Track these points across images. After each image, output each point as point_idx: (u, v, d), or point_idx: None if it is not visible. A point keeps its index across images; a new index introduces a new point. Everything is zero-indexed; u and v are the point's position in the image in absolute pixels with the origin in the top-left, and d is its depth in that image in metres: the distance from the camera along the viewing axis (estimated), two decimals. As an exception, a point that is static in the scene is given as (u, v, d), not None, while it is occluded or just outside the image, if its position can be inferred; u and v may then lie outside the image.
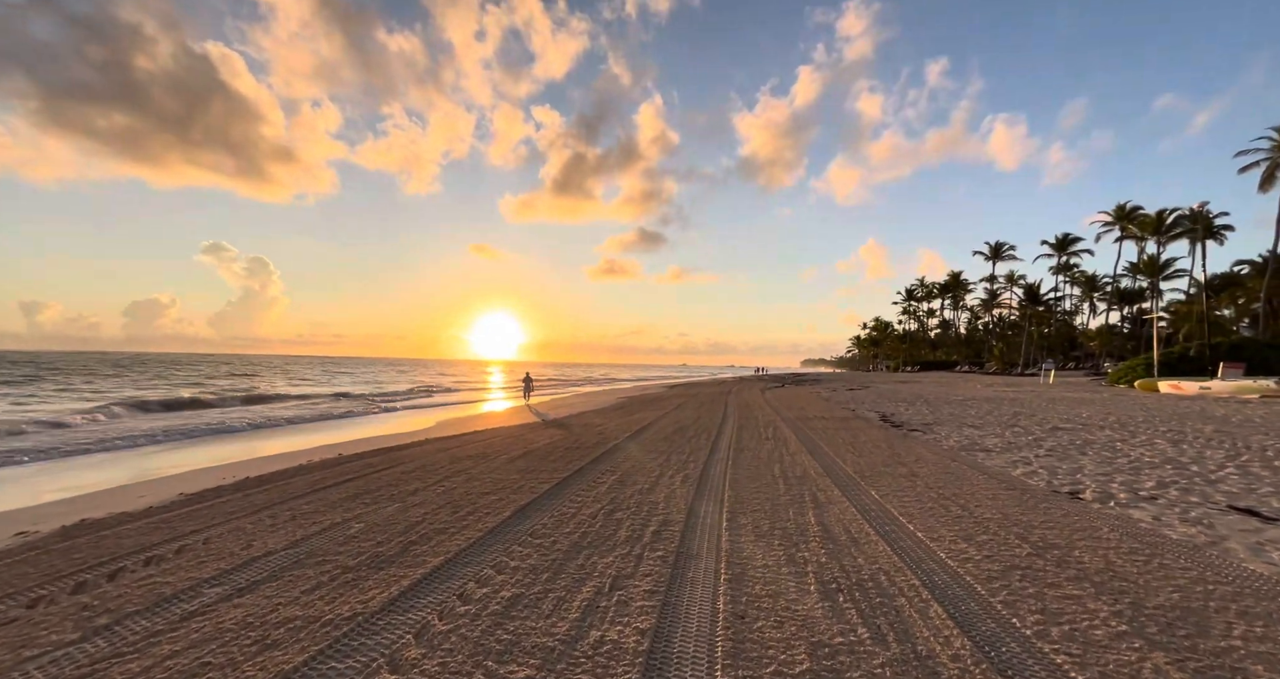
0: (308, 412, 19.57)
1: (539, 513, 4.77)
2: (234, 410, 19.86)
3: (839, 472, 6.66)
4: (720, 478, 6.29)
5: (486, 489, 5.73)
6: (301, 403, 23.52)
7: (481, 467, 7.12)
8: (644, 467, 7.00)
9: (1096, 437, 9.06)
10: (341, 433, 14.07)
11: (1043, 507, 4.89)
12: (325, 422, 16.96)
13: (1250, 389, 16.91)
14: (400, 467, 7.49)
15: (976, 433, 10.04)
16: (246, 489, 6.33)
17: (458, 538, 4.06)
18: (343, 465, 7.96)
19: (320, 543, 4.01)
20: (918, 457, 7.62)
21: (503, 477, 6.38)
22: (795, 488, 5.74)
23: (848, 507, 4.97)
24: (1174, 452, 7.42)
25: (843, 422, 12.50)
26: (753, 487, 5.80)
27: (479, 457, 7.99)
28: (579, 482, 6.07)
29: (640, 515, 4.67)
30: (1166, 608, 2.84)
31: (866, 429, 10.93)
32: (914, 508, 4.89)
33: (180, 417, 17.08)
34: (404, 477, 6.62)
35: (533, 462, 7.40)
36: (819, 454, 7.93)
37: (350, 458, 8.86)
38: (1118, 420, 11.15)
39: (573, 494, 5.48)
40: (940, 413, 14.01)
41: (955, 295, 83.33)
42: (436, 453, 8.73)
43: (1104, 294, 63.38)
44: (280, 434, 13.95)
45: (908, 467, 6.90)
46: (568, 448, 8.65)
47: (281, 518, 4.81)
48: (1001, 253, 69.69)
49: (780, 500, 5.19)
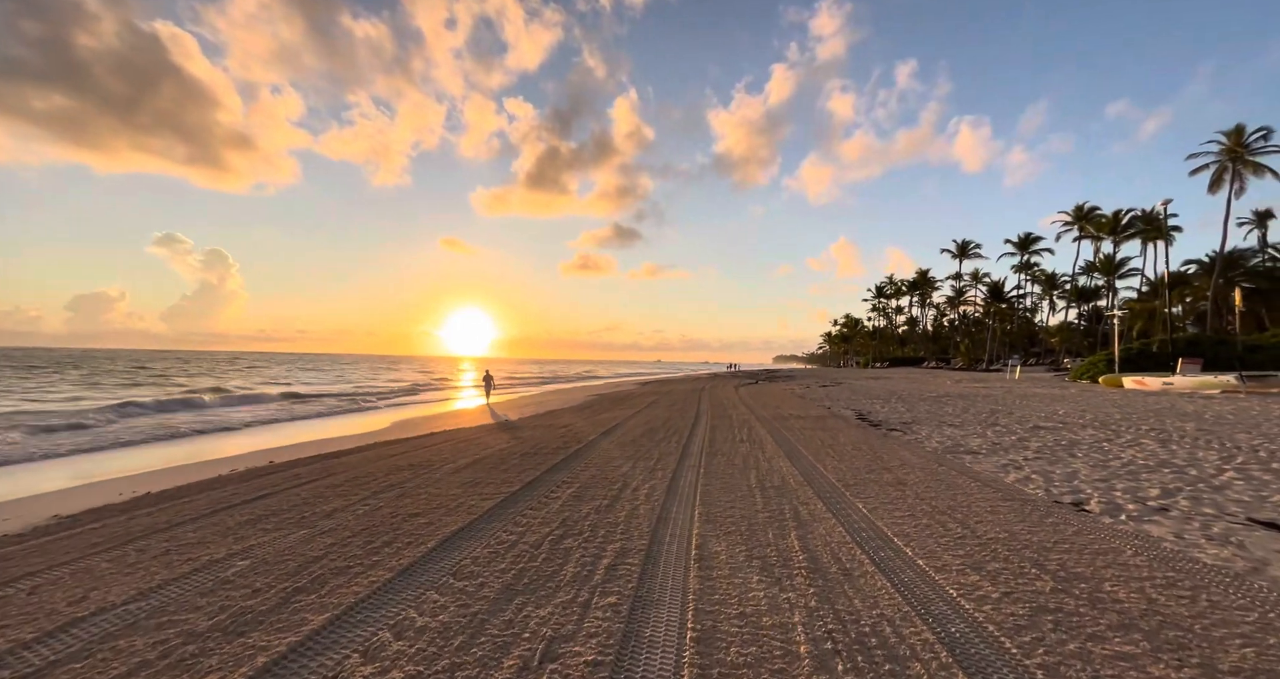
0: (252, 413, 18.18)
1: (472, 541, 3.98)
2: (179, 414, 18.29)
3: (820, 480, 6.06)
4: (690, 489, 5.60)
5: (417, 508, 4.90)
6: (254, 405, 21.98)
7: (420, 478, 6.26)
8: (606, 476, 6.26)
9: (1081, 436, 8.73)
10: (284, 435, 12.90)
11: (1049, 522, 4.35)
12: (269, 424, 15.67)
13: (1212, 385, 17.20)
14: (330, 478, 6.57)
15: (958, 433, 9.63)
16: (137, 509, 5.35)
17: (359, 582, 3.24)
18: (267, 476, 6.99)
19: (179, 592, 3.14)
20: (902, 461, 7.09)
21: (441, 492, 5.55)
22: (774, 501, 5.09)
23: (834, 526, 4.33)
24: (1165, 453, 7.07)
25: (819, 420, 12.01)
26: (726, 500, 5.12)
27: (421, 465, 7.11)
28: (528, 497, 5.29)
29: (595, 543, 3.93)
30: (1248, 674, 2.25)
31: (844, 429, 10.44)
32: (908, 526, 4.29)
33: (117, 420, 15.53)
34: (328, 491, 5.73)
35: (480, 472, 6.58)
36: (797, 458, 7.34)
37: (280, 467, 7.87)
38: (1096, 418, 10.94)
39: (518, 514, 4.70)
40: (917, 411, 13.68)
41: (923, 292, 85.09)
42: (376, 461, 7.81)
43: (1063, 292, 65.51)
44: (220, 438, 12.68)
45: (893, 473, 6.34)
46: (524, 454, 7.85)
47: (151, 552, 3.90)
48: (968, 251, 71.32)
49: (758, 519, 4.52)
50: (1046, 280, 65.75)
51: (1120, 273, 54.68)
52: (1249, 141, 37.30)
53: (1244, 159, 37.55)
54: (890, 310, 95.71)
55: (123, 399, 21.93)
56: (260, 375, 49.04)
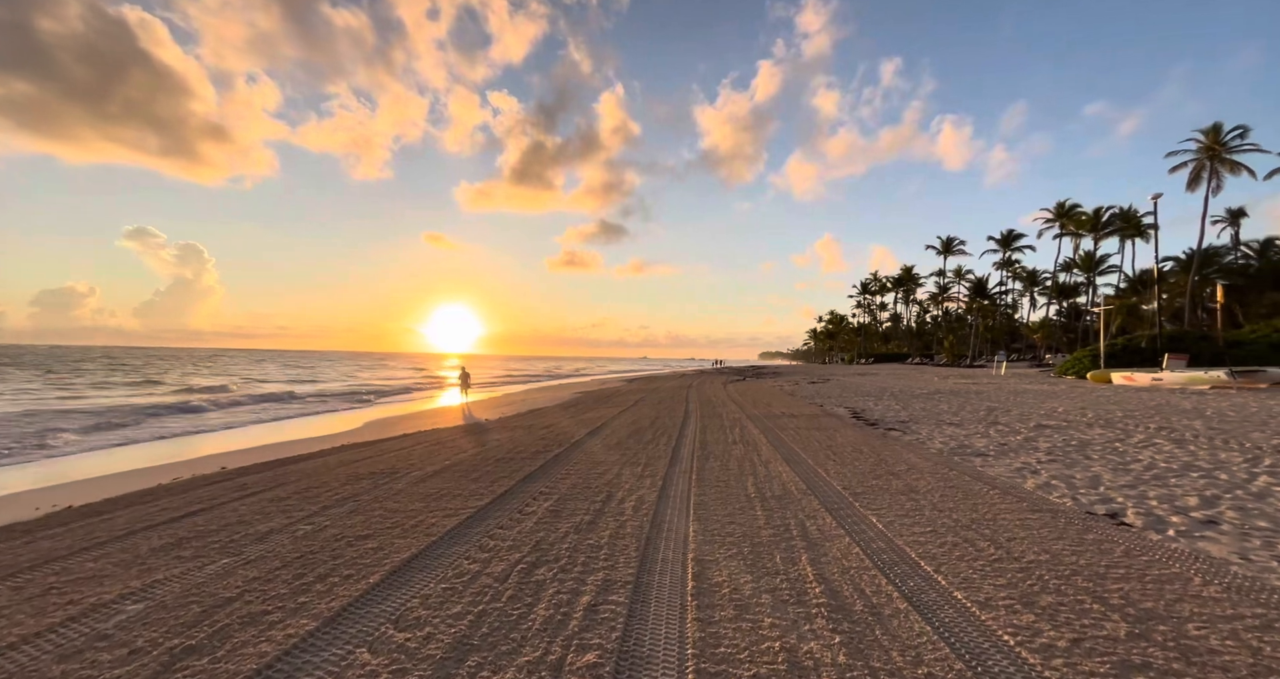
0: (214, 417, 17.22)
1: (425, 573, 3.33)
2: (133, 417, 17.22)
3: (824, 487, 5.51)
4: (682, 500, 5.01)
5: (368, 528, 4.23)
6: (223, 402, 20.92)
7: (380, 490, 5.58)
8: (589, 485, 5.64)
9: (1089, 436, 8.33)
10: (248, 437, 12.04)
11: (1091, 539, 3.84)
12: (239, 426, 14.74)
13: (1201, 380, 17.13)
14: (279, 489, 5.86)
15: (960, 432, 9.18)
16: (45, 529, 4.60)
17: (271, 637, 2.58)
18: (209, 486, 6.26)
19: (29, 657, 2.45)
20: (908, 464, 6.58)
21: (399, 506, 4.88)
22: (777, 514, 4.52)
23: (849, 545, 3.77)
24: (1185, 455, 6.66)
25: (813, 419, 11.52)
26: (724, 514, 4.54)
27: (383, 473, 6.42)
28: (499, 513, 4.65)
29: (573, 573, 3.31)
30: None
31: (840, 429, 9.95)
32: (932, 544, 3.74)
33: (88, 423, 14.47)
34: (270, 506, 5.02)
35: (449, 481, 5.91)
36: (796, 462, 6.79)
37: (229, 474, 7.13)
38: (1098, 416, 10.60)
39: (485, 535, 4.06)
40: (912, 408, 13.28)
41: (907, 289, 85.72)
42: (335, 467, 7.09)
43: (1044, 288, 66.36)
44: (181, 440, 11.77)
45: (901, 479, 5.82)
46: (499, 459, 7.19)
47: (29, 592, 3.19)
48: (952, 247, 71.86)
49: (761, 537, 3.94)
50: (1028, 277, 66.54)
51: (1100, 269, 55.42)
52: (1226, 140, 37.81)
53: (1221, 157, 38.07)
54: (875, 307, 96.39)
55: (78, 396, 20.71)
56: (234, 373, 47.41)
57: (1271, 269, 44.21)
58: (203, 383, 33.50)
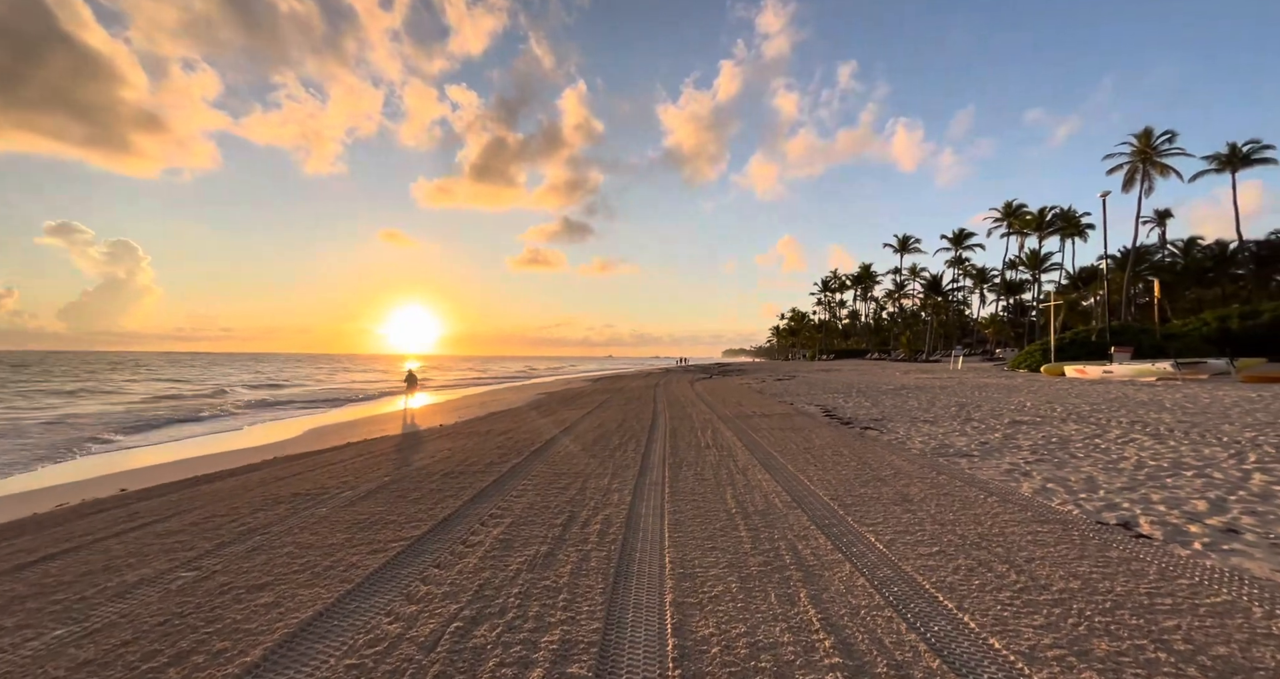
0: (122, 421, 15.53)
1: (326, 642, 2.57)
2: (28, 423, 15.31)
3: (810, 498, 4.99)
4: (655, 521, 4.37)
5: (268, 574, 3.41)
6: (159, 411, 19.03)
7: (298, 517, 4.71)
8: (548, 504, 4.93)
9: (1065, 432, 8.17)
10: (166, 451, 10.70)
11: (1114, 557, 3.41)
12: (144, 432, 13.21)
13: (1149, 372, 17.76)
14: (177, 517, 4.91)
15: (937, 430, 8.91)
16: None
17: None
18: (98, 514, 5.25)
19: None
20: (894, 468, 6.16)
21: (316, 540, 4.05)
22: (764, 535, 3.94)
23: (851, 574, 3.22)
24: (1168, 451, 6.49)
25: (785, 419, 11.12)
26: (703, 536, 3.93)
27: (308, 495, 5.53)
28: (438, 545, 3.89)
29: (522, 633, 2.62)
30: None
31: (815, 428, 9.55)
32: (945, 570, 3.24)
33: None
34: (154, 543, 4.11)
35: (383, 503, 5.08)
36: (775, 468, 6.27)
37: (127, 498, 6.11)
38: (1066, 410, 10.59)
39: (417, 577, 3.31)
40: (883, 405, 13.09)
41: (865, 286, 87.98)
42: (255, 487, 6.14)
43: (992, 285, 69.21)
44: (95, 456, 10.30)
45: (890, 485, 5.37)
46: (448, 474, 6.38)
47: None
48: (908, 246, 74.05)
49: (749, 567, 3.35)
50: (977, 274, 69.24)
51: (1044, 267, 58.10)
52: (1156, 144, 40.08)
53: (1152, 160, 40.33)
54: (835, 304, 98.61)
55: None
56: (159, 374, 43.93)
57: (1195, 266, 47.31)
58: (138, 388, 30.76)
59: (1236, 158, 39.44)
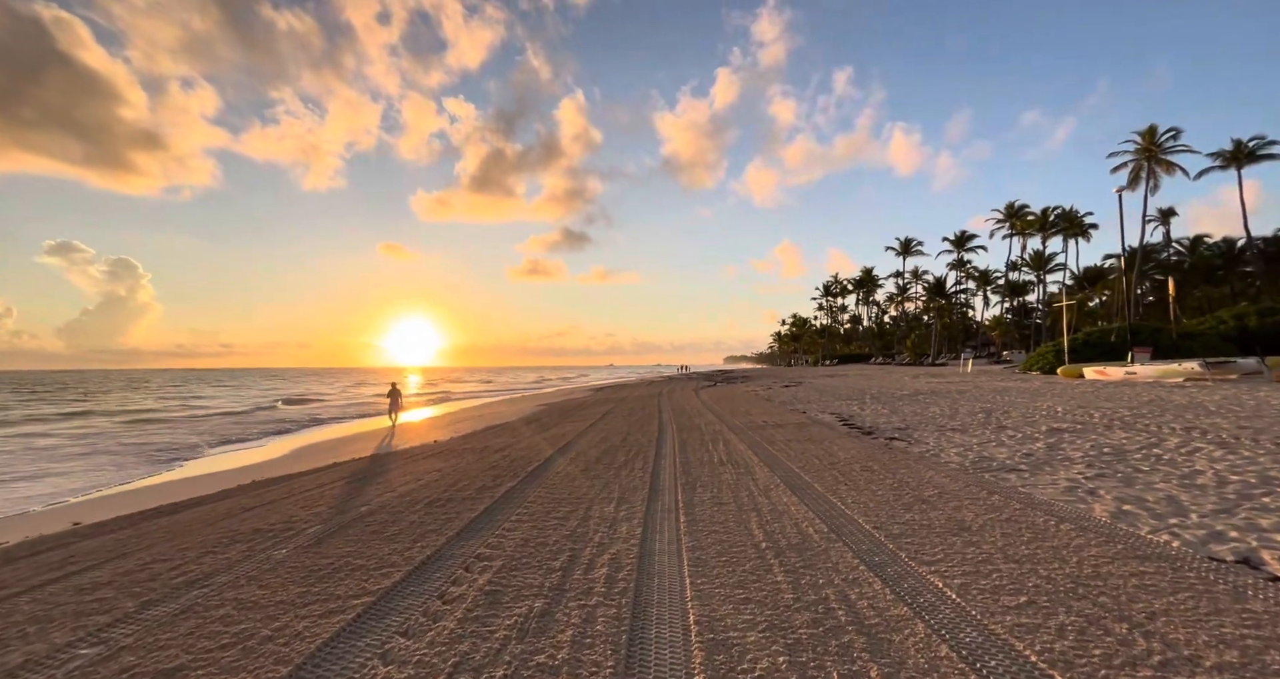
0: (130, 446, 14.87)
1: (234, 772, 1.87)
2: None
3: (847, 525, 4.29)
4: (672, 560, 3.67)
5: (186, 652, 2.70)
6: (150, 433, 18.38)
7: (252, 561, 4.01)
8: (545, 540, 4.23)
9: (1114, 440, 7.46)
10: (138, 475, 10.00)
11: (1257, 609, 2.71)
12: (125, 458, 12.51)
13: (1175, 372, 17.04)
14: (113, 563, 4.22)
15: (969, 439, 8.20)
16: None
17: None
18: (27, 558, 4.56)
19: None
20: (936, 486, 5.45)
21: (263, 596, 3.35)
22: (805, 579, 3.24)
23: (928, 637, 2.52)
24: (1244, 462, 5.78)
25: (800, 428, 10.40)
26: (731, 582, 3.23)
27: (273, 530, 4.82)
28: (407, 602, 3.19)
29: (503, 748, 1.91)
30: None
31: (835, 439, 8.84)
32: (1045, 630, 2.54)
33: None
34: (69, 602, 3.41)
35: (354, 540, 4.38)
36: (801, 489, 5.57)
37: (72, 535, 5.42)
38: (1105, 416, 9.87)
39: (376, 654, 2.60)
40: (902, 413, 12.37)
41: (867, 290, 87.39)
42: (219, 520, 5.44)
43: (996, 287, 68.59)
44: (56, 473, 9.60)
45: (938, 508, 4.66)
46: (431, 502, 5.68)
47: None
48: (911, 248, 73.55)
49: (795, 628, 2.65)
50: (980, 276, 68.65)
51: (1048, 268, 57.52)
52: (1161, 141, 39.64)
53: (1157, 158, 39.88)
54: (836, 309, 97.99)
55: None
56: (164, 394, 43.29)
57: (1203, 264, 46.73)
58: (130, 405, 30.13)
59: (1242, 154, 38.98)
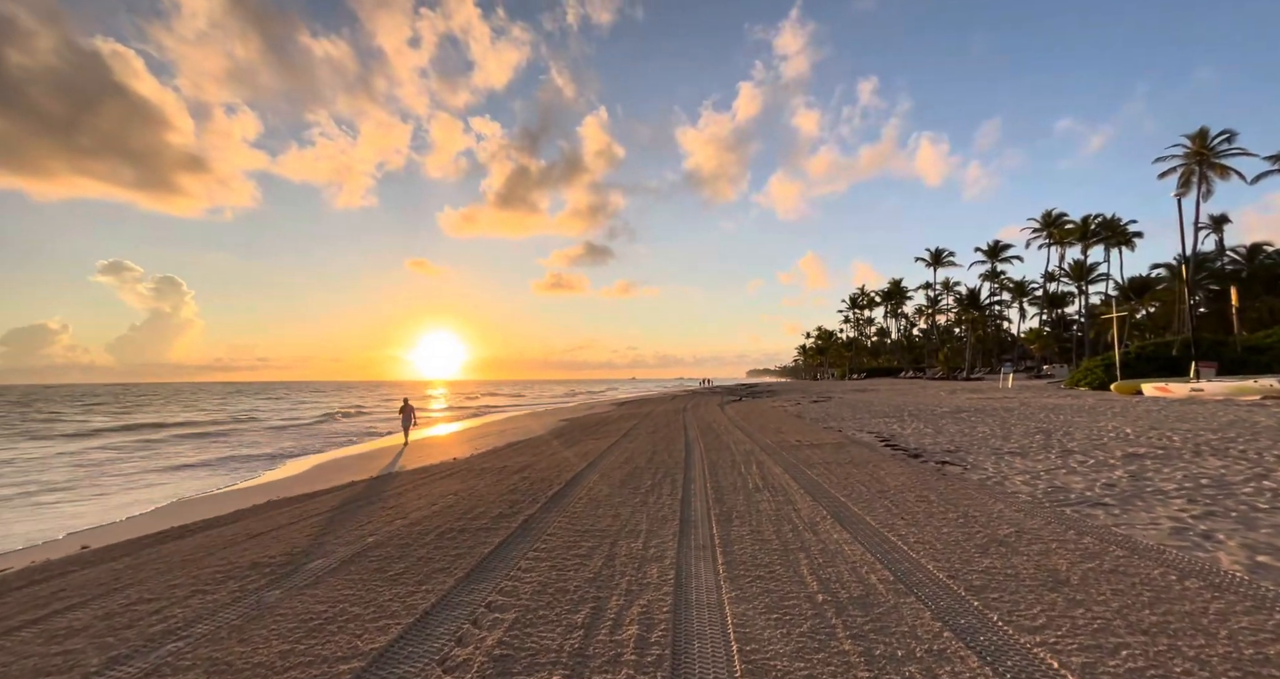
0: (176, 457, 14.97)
1: None
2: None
3: (915, 571, 3.66)
4: (711, 615, 3.11)
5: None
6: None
7: (241, 605, 3.59)
8: (564, 587, 3.71)
9: (1208, 469, 6.59)
10: (174, 489, 9.86)
11: None
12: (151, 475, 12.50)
13: (1250, 390, 15.65)
14: (101, 600, 3.88)
15: (1032, 465, 7.40)
16: None
17: None
18: (14, 593, 4.26)
19: None
20: (1010, 523, 4.75)
21: (240, 655, 2.90)
22: (878, 648, 2.64)
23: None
24: (1382, 498, 4.91)
25: (839, 450, 9.68)
26: (785, 649, 2.65)
27: (273, 564, 4.42)
28: (402, 670, 2.70)
29: None
30: None
31: (880, 462, 8.11)
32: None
33: None
34: (37, 654, 3.04)
35: (354, 581, 3.93)
36: (852, 523, 4.93)
37: (72, 564, 5.14)
38: (1184, 439, 8.89)
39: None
40: (947, 432, 11.51)
41: (896, 302, 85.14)
42: (222, 548, 5.09)
43: (1033, 298, 65.88)
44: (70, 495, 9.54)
45: (1020, 552, 3.98)
46: (443, 532, 5.22)
47: None
48: (941, 259, 71.49)
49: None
50: (1016, 287, 66.08)
51: (1090, 278, 55.05)
52: (1213, 144, 37.66)
53: (1210, 161, 37.87)
54: (862, 321, 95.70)
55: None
56: (203, 405, 44.47)
57: (1264, 273, 43.97)
58: (183, 417, 30.89)
59: (1302, 156, 36.68)
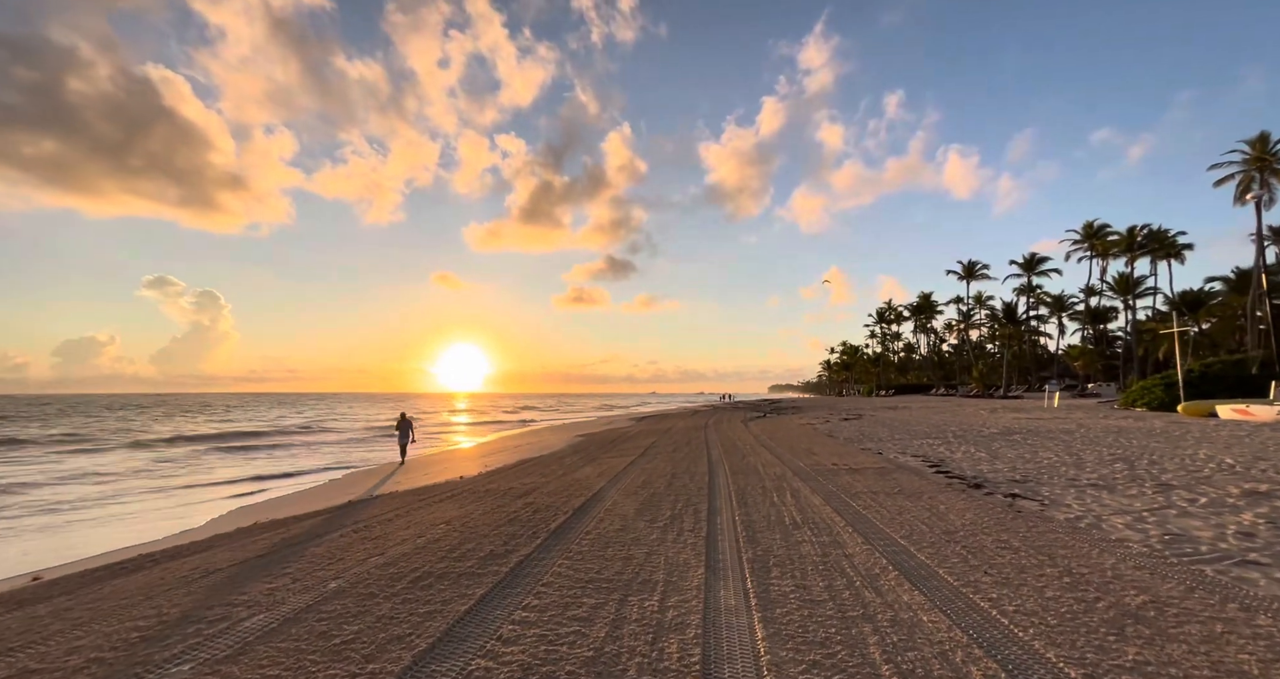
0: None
1: None
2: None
3: (1032, 662, 2.69)
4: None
5: None
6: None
7: (208, 665, 2.76)
8: (562, 657, 2.78)
9: (1363, 513, 5.33)
10: (171, 521, 9.29)
11: None
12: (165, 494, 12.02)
13: (1350, 413, 13.89)
14: (26, 651, 3.08)
15: (1127, 502, 6.20)
16: None
17: None
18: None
19: None
20: (1136, 586, 3.66)
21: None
22: None
23: None
24: None
25: (882, 476, 8.56)
26: None
27: (207, 619, 3.60)
28: None
29: None
30: None
31: (935, 494, 6.99)
32: None
33: None
34: None
35: (287, 650, 3.07)
36: (922, 578, 3.90)
37: (20, 597, 4.40)
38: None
39: None
40: (1003, 457, 10.25)
41: (925, 317, 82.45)
42: (161, 592, 4.33)
43: (1073, 314, 62.83)
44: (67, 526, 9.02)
45: (1174, 638, 2.92)
46: (419, 578, 4.35)
47: None
48: (975, 272, 69.00)
49: None
50: (1055, 302, 63.17)
51: (1137, 292, 52.19)
52: (1275, 150, 35.34)
53: (1271, 167, 35.51)
54: (889, 336, 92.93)
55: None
56: (225, 416, 44.97)
57: (1332, 287, 40.81)
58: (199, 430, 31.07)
59: (1374, 160, 34.11)
